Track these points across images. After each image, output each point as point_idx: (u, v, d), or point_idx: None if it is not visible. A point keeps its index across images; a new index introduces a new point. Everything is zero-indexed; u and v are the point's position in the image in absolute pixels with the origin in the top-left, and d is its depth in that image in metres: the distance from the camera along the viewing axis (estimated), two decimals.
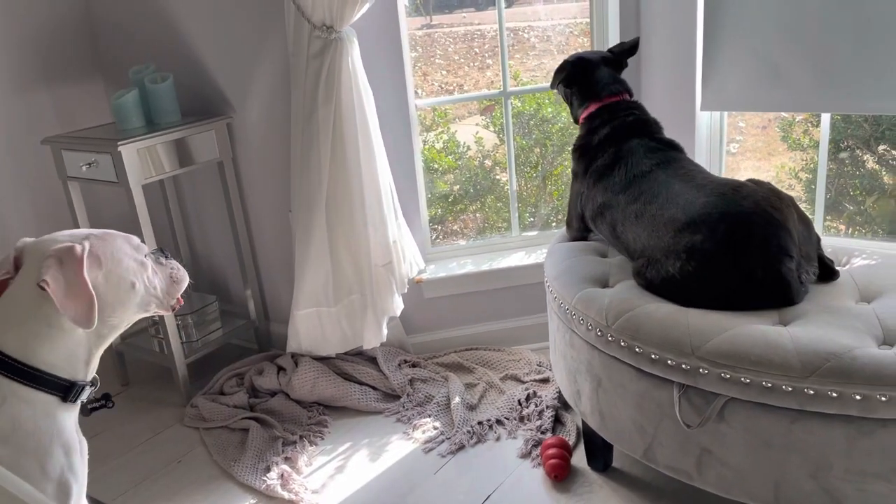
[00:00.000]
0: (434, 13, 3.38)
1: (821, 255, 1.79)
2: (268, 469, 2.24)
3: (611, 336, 1.72)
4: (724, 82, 2.45)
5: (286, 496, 2.13)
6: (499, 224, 3.15)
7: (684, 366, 1.57)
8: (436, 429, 2.39)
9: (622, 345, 1.69)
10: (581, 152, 2.14)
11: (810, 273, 1.71)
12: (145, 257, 1.46)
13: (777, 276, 1.63)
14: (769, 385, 1.47)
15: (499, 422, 2.39)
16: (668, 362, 1.60)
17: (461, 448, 2.29)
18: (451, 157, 3.17)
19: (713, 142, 2.63)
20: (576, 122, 2.25)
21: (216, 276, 3.17)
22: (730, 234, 1.66)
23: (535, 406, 2.40)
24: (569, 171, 3.05)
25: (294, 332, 2.64)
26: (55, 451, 1.31)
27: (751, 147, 3.41)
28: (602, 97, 2.14)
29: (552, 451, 2.12)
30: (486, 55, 3.46)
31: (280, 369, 2.70)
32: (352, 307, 2.62)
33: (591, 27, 2.69)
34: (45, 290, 1.26)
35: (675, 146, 2.05)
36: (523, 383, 2.57)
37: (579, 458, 2.16)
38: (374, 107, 2.48)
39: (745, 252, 1.64)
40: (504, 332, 2.85)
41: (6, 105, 2.87)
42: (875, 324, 1.56)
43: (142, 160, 2.49)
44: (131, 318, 1.45)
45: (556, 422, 2.35)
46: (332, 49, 2.35)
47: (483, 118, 3.44)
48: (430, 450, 2.31)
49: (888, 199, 2.87)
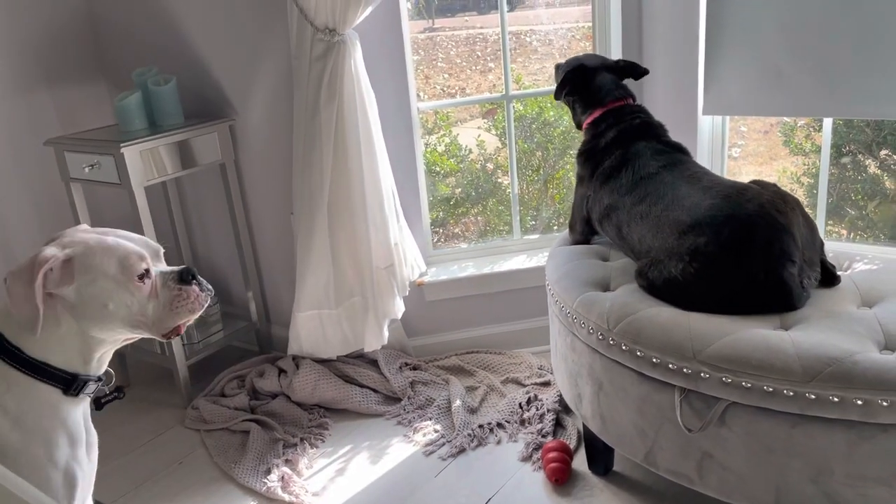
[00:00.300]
0: (436, 16, 3.39)
1: (823, 260, 1.79)
2: (268, 471, 2.24)
3: (612, 340, 1.72)
4: (726, 87, 2.46)
5: (287, 498, 2.13)
6: (500, 227, 3.15)
7: (685, 370, 1.57)
8: (436, 432, 2.39)
9: (623, 348, 1.69)
10: (587, 156, 2.15)
11: (812, 278, 1.71)
12: (141, 279, 1.36)
13: (778, 280, 1.63)
14: (770, 389, 1.47)
15: (500, 425, 2.39)
16: (670, 366, 1.60)
17: (462, 451, 2.29)
18: (452, 160, 3.17)
19: (715, 146, 2.63)
20: (578, 127, 2.25)
21: (218, 277, 3.17)
22: (733, 236, 1.66)
23: (536, 409, 2.40)
24: (571, 174, 3.05)
25: (295, 335, 2.64)
26: (60, 442, 1.32)
27: (753, 151, 3.42)
28: (606, 102, 2.14)
29: (553, 454, 2.11)
30: (488, 59, 3.46)
31: (281, 371, 2.70)
32: (353, 309, 2.62)
33: (594, 31, 2.69)
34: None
35: (681, 149, 2.05)
36: (524, 387, 2.57)
37: (580, 462, 2.16)
38: (377, 109, 2.49)
39: (747, 255, 1.64)
40: (505, 335, 2.85)
41: (9, 106, 2.87)
42: (876, 329, 1.56)
43: (144, 162, 2.50)
44: (119, 336, 1.39)
45: (557, 425, 2.34)
46: (335, 52, 2.35)
47: (485, 121, 3.44)
48: (431, 453, 2.30)
49: (890, 204, 2.87)
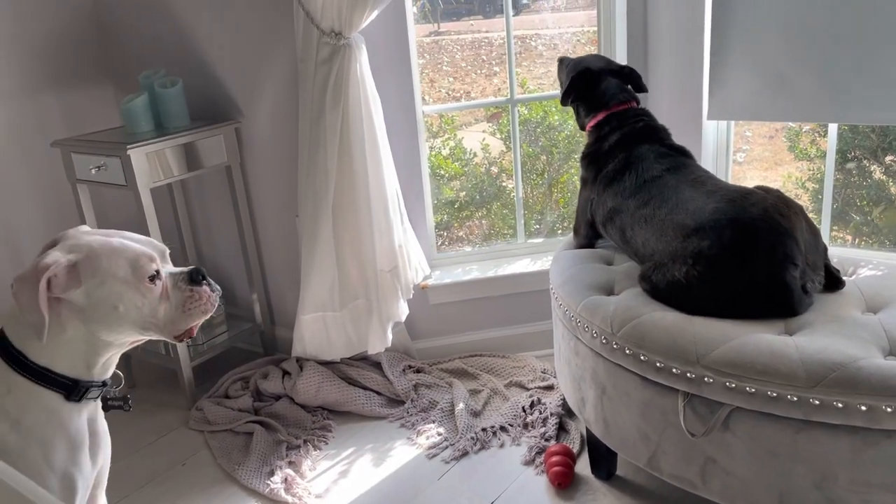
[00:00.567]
0: (442, 20, 3.40)
1: (827, 264, 1.79)
2: (272, 473, 2.24)
3: (616, 344, 1.72)
4: (730, 92, 2.45)
5: (290, 500, 2.13)
6: (504, 231, 3.16)
7: (689, 374, 1.57)
8: (440, 435, 2.39)
9: (627, 352, 1.69)
10: (590, 159, 2.15)
11: (816, 282, 1.71)
12: (153, 281, 1.36)
13: (780, 283, 1.63)
14: (774, 395, 1.46)
15: (503, 428, 2.38)
16: (673, 370, 1.60)
17: (465, 454, 2.29)
18: (457, 164, 3.18)
19: (720, 151, 2.63)
20: (582, 129, 2.25)
21: (222, 279, 3.18)
22: (736, 239, 1.66)
23: (540, 413, 2.39)
24: (575, 178, 3.05)
25: (299, 337, 2.65)
26: (59, 446, 1.31)
27: (757, 156, 3.42)
28: (610, 105, 2.14)
29: (556, 458, 2.11)
30: (493, 62, 3.47)
31: (285, 373, 2.70)
32: (357, 312, 2.62)
33: (599, 36, 2.70)
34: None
35: (684, 152, 2.05)
36: (528, 390, 2.57)
37: (583, 466, 2.16)
38: (382, 113, 2.49)
39: (749, 258, 1.64)
40: (509, 338, 2.85)
41: (17, 108, 2.89)
42: (881, 334, 1.55)
43: (150, 164, 2.51)
44: (129, 338, 1.39)
45: (560, 429, 2.34)
46: (341, 55, 2.36)
47: (490, 125, 3.45)
48: (434, 456, 2.31)
49: (895, 210, 2.87)
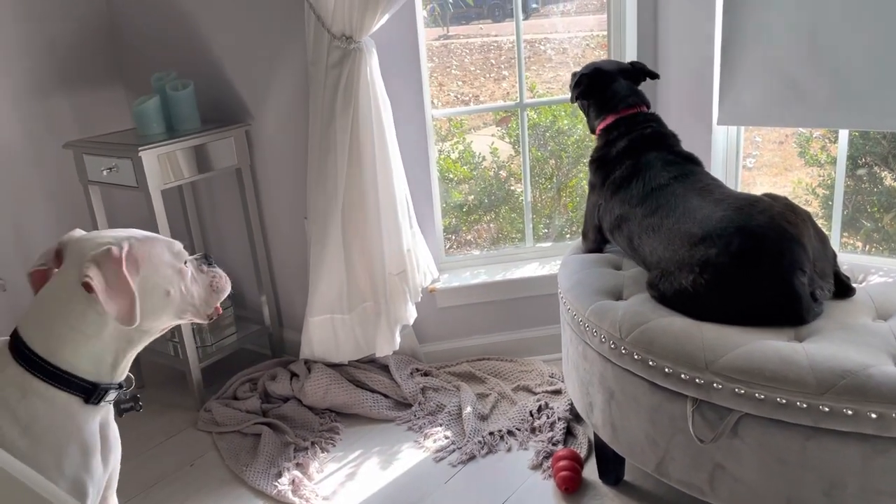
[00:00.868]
0: (451, 24, 3.41)
1: (837, 271, 1.78)
2: (279, 475, 2.25)
3: (624, 349, 1.72)
4: (741, 97, 2.45)
5: (297, 502, 2.14)
6: (513, 235, 3.16)
7: (698, 380, 1.57)
8: (447, 438, 2.39)
9: (635, 358, 1.69)
10: (598, 164, 2.14)
11: (825, 289, 1.70)
12: (185, 264, 1.44)
13: (789, 290, 1.63)
14: (784, 401, 1.46)
15: (510, 433, 2.38)
16: (682, 376, 1.59)
17: (472, 458, 2.29)
18: (466, 168, 3.18)
19: (729, 156, 2.63)
20: (592, 132, 2.25)
21: (231, 281, 3.18)
22: (743, 247, 1.65)
23: (547, 417, 2.39)
24: (584, 183, 3.05)
25: (307, 339, 2.65)
26: (70, 451, 1.30)
27: (767, 162, 3.41)
28: (619, 109, 2.14)
29: (563, 463, 2.11)
30: (502, 66, 3.48)
31: (293, 375, 2.71)
32: (365, 315, 2.63)
33: (609, 40, 2.70)
34: (87, 290, 1.28)
35: (693, 159, 2.04)
36: (535, 394, 2.57)
37: (591, 471, 2.16)
38: (391, 116, 2.50)
39: (757, 266, 1.64)
40: (517, 342, 2.85)
41: (29, 109, 2.91)
42: (891, 342, 1.55)
43: (161, 166, 2.52)
44: (165, 325, 1.44)
45: (568, 434, 2.34)
46: (351, 59, 2.37)
47: (499, 129, 3.45)
48: (441, 459, 2.31)
49: None
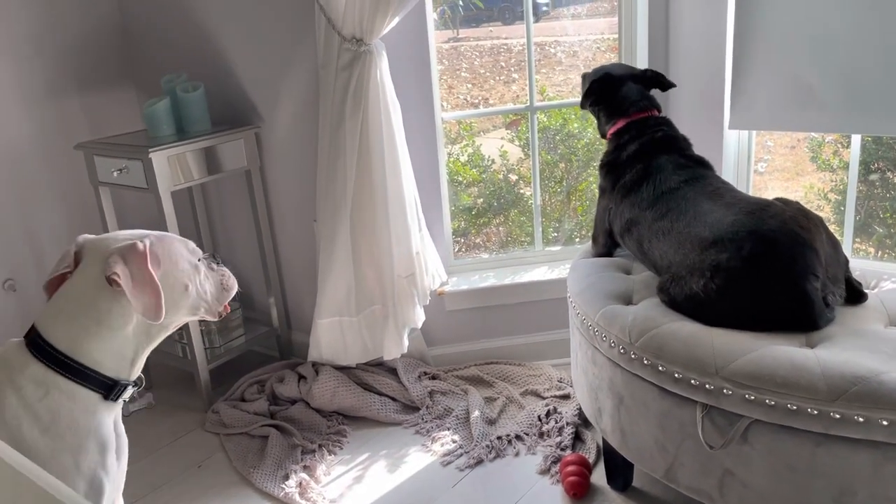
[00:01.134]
0: (461, 27, 3.40)
1: (849, 277, 1.77)
2: (286, 477, 2.25)
3: (634, 354, 1.71)
4: (753, 101, 2.44)
5: None
6: (522, 238, 3.15)
7: (708, 386, 1.56)
8: (454, 442, 2.38)
9: (645, 363, 1.68)
10: (609, 168, 2.14)
11: (837, 295, 1.69)
12: (199, 261, 1.49)
13: (801, 295, 1.61)
14: (794, 408, 1.45)
15: (518, 437, 2.38)
16: (692, 382, 1.58)
17: (479, 462, 2.29)
18: (475, 171, 3.18)
19: (741, 161, 2.62)
20: (603, 136, 2.25)
21: (240, 283, 3.16)
22: (755, 251, 1.64)
23: (556, 422, 2.38)
24: (593, 186, 3.04)
25: (315, 341, 2.65)
26: (90, 448, 1.33)
27: (779, 166, 3.38)
28: (630, 113, 2.13)
29: (571, 468, 2.10)
30: (512, 69, 3.47)
31: (301, 378, 2.71)
32: (373, 317, 2.63)
33: (620, 43, 2.69)
34: (112, 285, 1.31)
35: (703, 163, 2.03)
36: (543, 399, 2.56)
37: (599, 477, 2.15)
38: (401, 119, 2.50)
39: (769, 270, 1.63)
40: (525, 346, 2.84)
41: (41, 111, 2.93)
42: None
43: (171, 167, 2.53)
44: (181, 320, 1.48)
45: (577, 439, 2.33)
46: (361, 61, 2.37)
47: (508, 132, 3.45)
48: (449, 463, 2.30)
49: None
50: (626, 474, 2.08)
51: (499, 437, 2.36)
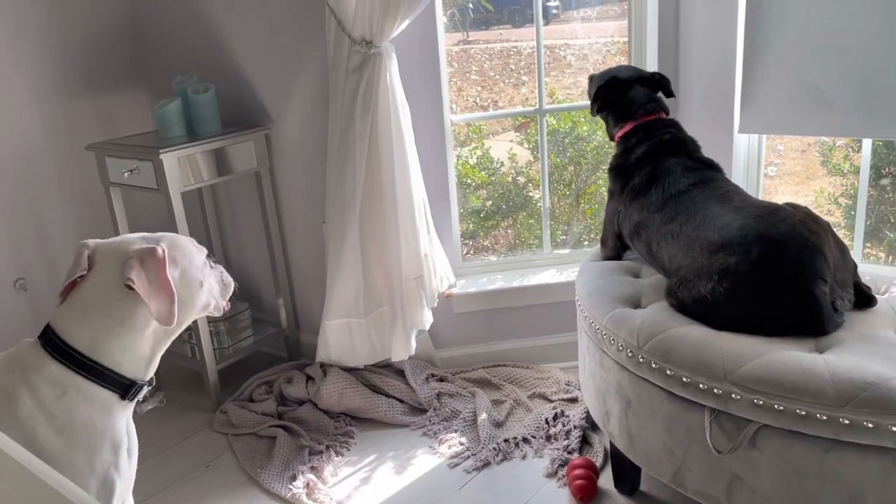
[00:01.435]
0: (471, 29, 3.41)
1: (857, 281, 1.76)
2: (294, 477, 2.26)
3: (642, 357, 1.71)
4: (763, 105, 2.43)
5: None
6: (530, 241, 3.15)
7: (716, 390, 1.55)
8: (462, 444, 2.38)
9: (653, 367, 1.68)
10: (617, 171, 2.13)
11: (845, 300, 1.68)
12: (206, 258, 1.54)
13: (809, 299, 1.61)
14: (803, 413, 1.44)
15: (525, 440, 2.37)
16: (700, 386, 1.58)
17: (486, 465, 2.29)
18: (484, 173, 3.18)
19: (751, 165, 2.61)
20: (611, 139, 2.24)
21: (249, 284, 3.21)
22: (763, 255, 1.64)
23: (563, 425, 2.38)
24: (602, 189, 3.04)
25: (324, 342, 2.66)
26: (104, 448, 1.34)
27: (789, 171, 3.37)
28: (637, 116, 2.13)
29: (579, 471, 2.10)
30: (522, 72, 3.47)
31: (309, 379, 2.72)
32: (381, 319, 2.63)
33: (630, 46, 2.69)
34: (130, 289, 1.34)
35: (713, 165, 2.03)
36: (551, 402, 2.55)
37: (606, 480, 2.14)
38: (410, 121, 2.51)
39: (777, 274, 1.62)
40: (533, 349, 2.84)
41: (53, 112, 2.95)
42: None
43: (182, 168, 2.54)
44: (193, 317, 1.52)
45: (584, 442, 2.33)
46: (371, 64, 2.38)
47: (517, 135, 3.44)
48: (456, 465, 2.30)
49: None
50: (634, 478, 2.08)
51: (506, 440, 2.36)
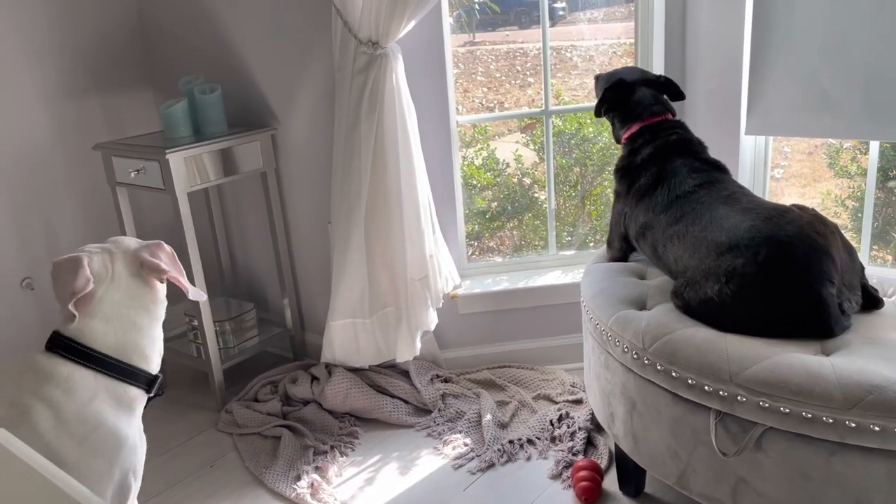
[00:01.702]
0: (477, 31, 3.41)
1: (864, 283, 1.75)
2: (298, 477, 2.26)
3: (647, 359, 1.70)
4: (770, 107, 2.42)
5: None
6: (536, 242, 3.14)
7: (722, 392, 1.55)
8: (466, 445, 2.38)
9: (658, 369, 1.67)
10: (623, 172, 2.13)
11: (853, 302, 1.68)
12: None
13: (816, 300, 1.60)
14: (809, 416, 1.44)
15: (530, 441, 2.37)
16: (705, 388, 1.57)
17: (491, 466, 2.28)
18: (489, 174, 3.17)
19: (757, 167, 2.60)
20: (618, 141, 2.24)
21: (255, 284, 3.21)
22: (770, 257, 1.63)
23: (568, 427, 2.38)
24: (608, 191, 3.03)
25: (328, 343, 2.66)
26: (125, 450, 1.37)
27: (796, 173, 3.36)
28: (644, 118, 2.12)
29: (583, 473, 2.09)
30: (528, 73, 3.47)
31: (314, 379, 2.72)
32: (386, 320, 2.63)
33: (636, 48, 2.68)
34: (150, 282, 1.45)
35: (719, 166, 2.02)
36: (556, 403, 2.55)
37: (611, 482, 2.14)
38: (416, 122, 2.51)
39: (784, 275, 1.61)
40: (538, 350, 2.83)
41: (60, 111, 2.96)
42: None
43: (188, 168, 2.55)
44: None
45: (589, 444, 2.32)
46: (377, 65, 2.38)
47: (523, 136, 3.44)
48: (460, 466, 2.30)
49: None
50: (639, 480, 2.07)
51: (510, 441, 2.36)
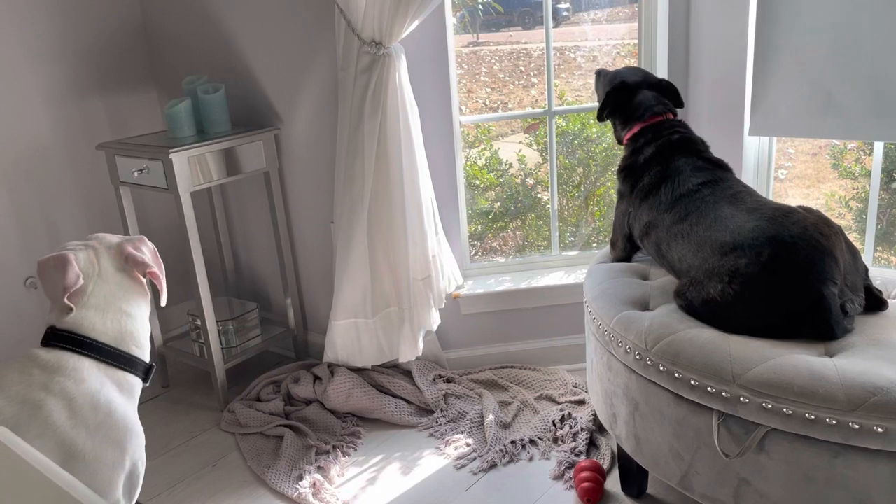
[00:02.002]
0: (481, 31, 3.41)
1: (868, 285, 1.74)
2: (300, 477, 2.26)
3: (650, 360, 1.70)
4: (774, 107, 2.42)
5: None
6: (538, 242, 3.14)
7: (724, 393, 1.54)
8: (468, 446, 2.38)
9: (661, 369, 1.67)
10: (627, 172, 2.13)
11: (856, 303, 1.67)
12: None
13: (819, 301, 1.59)
14: (812, 417, 1.43)
15: (532, 442, 2.37)
16: (708, 389, 1.57)
17: (493, 466, 2.28)
18: (492, 174, 3.17)
19: (761, 167, 2.59)
20: (619, 142, 2.24)
21: (258, 284, 3.22)
22: (774, 257, 1.63)
23: (570, 428, 2.37)
24: (612, 191, 3.03)
25: (331, 342, 2.66)
26: (135, 437, 1.41)
27: (800, 174, 3.35)
28: (645, 118, 2.12)
29: (585, 474, 2.09)
30: (532, 74, 3.47)
31: (316, 378, 2.72)
32: (389, 320, 2.63)
33: (640, 48, 2.68)
34: (136, 277, 1.49)
35: (722, 165, 2.01)
36: (558, 404, 2.55)
37: (613, 483, 2.13)
38: (419, 122, 2.51)
39: (786, 275, 1.61)
40: (540, 351, 2.83)
41: (64, 111, 2.97)
42: None
43: (191, 168, 2.55)
44: None
45: (591, 445, 2.32)
46: (380, 65, 2.38)
47: (526, 136, 3.44)
48: (462, 466, 2.30)
49: None
50: (641, 481, 2.07)
51: (513, 442, 2.36)
